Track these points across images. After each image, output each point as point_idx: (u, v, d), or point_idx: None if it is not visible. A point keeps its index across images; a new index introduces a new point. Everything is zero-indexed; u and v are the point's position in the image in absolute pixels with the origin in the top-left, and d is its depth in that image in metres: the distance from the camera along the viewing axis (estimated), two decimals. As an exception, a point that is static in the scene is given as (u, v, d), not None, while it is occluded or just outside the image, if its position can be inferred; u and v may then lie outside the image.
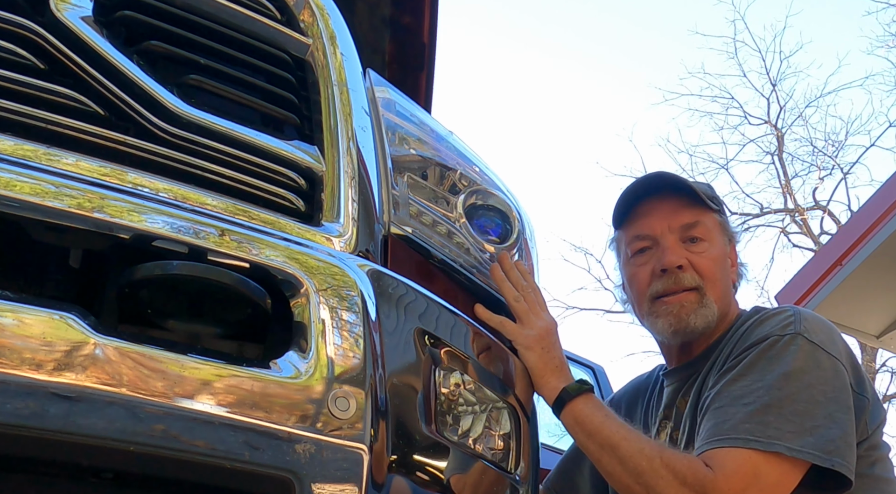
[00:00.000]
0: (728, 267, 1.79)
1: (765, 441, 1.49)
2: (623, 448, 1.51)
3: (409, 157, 1.47)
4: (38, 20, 1.10)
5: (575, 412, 1.55)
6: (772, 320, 1.64)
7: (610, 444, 1.52)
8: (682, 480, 1.47)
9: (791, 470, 1.50)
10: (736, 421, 1.52)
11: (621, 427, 1.54)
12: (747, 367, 1.58)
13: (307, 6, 1.38)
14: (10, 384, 0.88)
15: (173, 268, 1.03)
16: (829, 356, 1.58)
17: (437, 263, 1.40)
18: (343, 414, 1.03)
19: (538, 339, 1.55)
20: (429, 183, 1.47)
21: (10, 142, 1.02)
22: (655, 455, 1.50)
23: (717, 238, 1.78)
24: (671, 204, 1.77)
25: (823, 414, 1.52)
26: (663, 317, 1.73)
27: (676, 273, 1.72)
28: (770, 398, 1.53)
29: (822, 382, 1.55)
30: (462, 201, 1.51)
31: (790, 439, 1.49)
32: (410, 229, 1.38)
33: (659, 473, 1.48)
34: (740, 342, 1.65)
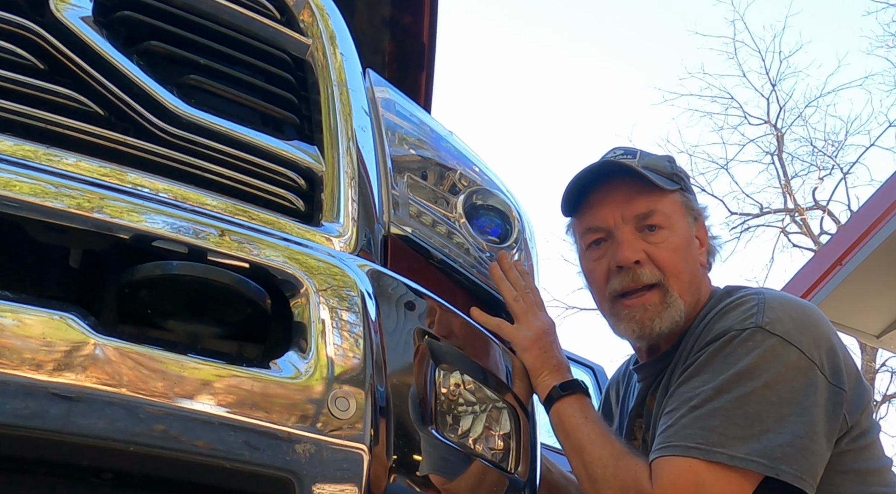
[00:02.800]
0: (694, 251, 1.65)
1: (705, 448, 1.39)
2: (587, 453, 1.48)
3: (409, 157, 1.47)
4: (37, 20, 1.10)
5: (559, 412, 1.52)
6: (734, 312, 1.52)
7: (578, 447, 1.49)
8: (624, 492, 1.42)
9: (738, 480, 1.39)
10: (679, 426, 1.43)
11: (594, 431, 1.49)
12: (701, 366, 1.48)
13: (307, 6, 1.38)
14: (10, 384, 0.88)
15: (173, 268, 1.03)
16: (793, 350, 1.45)
17: (436, 263, 1.40)
18: (343, 414, 1.03)
19: (536, 339, 1.52)
20: (429, 183, 1.47)
21: (10, 142, 1.02)
22: (611, 463, 1.44)
23: (679, 222, 1.63)
24: (624, 191, 1.62)
25: (775, 417, 1.41)
26: (626, 322, 1.61)
27: (634, 269, 1.59)
28: (719, 401, 1.42)
29: (779, 380, 1.43)
30: (462, 201, 1.51)
31: (734, 445, 1.39)
32: (410, 229, 1.38)
33: (609, 482, 1.44)
34: (703, 335, 1.54)
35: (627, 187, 1.62)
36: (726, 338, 1.48)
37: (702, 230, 1.69)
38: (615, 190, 1.63)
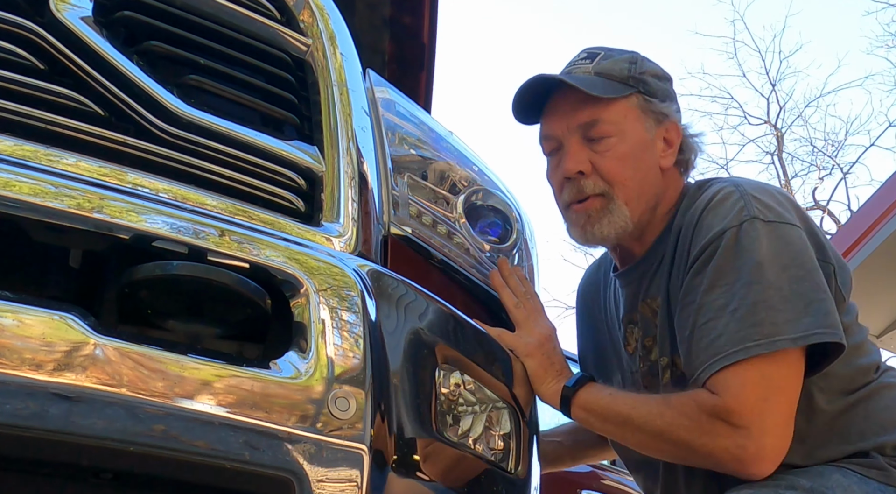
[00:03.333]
0: (649, 156, 1.61)
1: (766, 342, 1.40)
2: (636, 417, 1.48)
3: (409, 157, 1.47)
4: (37, 20, 1.10)
5: (581, 404, 1.53)
6: (721, 209, 1.51)
7: (624, 418, 1.49)
8: (698, 421, 1.41)
9: (800, 358, 1.43)
10: (729, 333, 1.42)
11: (626, 399, 1.51)
12: (717, 272, 1.47)
13: (307, 6, 1.38)
14: (10, 384, 0.88)
15: (173, 268, 1.03)
16: (790, 227, 1.49)
17: (436, 263, 1.40)
18: (343, 414, 1.03)
19: (538, 346, 1.53)
20: (429, 183, 1.47)
21: (10, 142, 1.02)
22: (665, 410, 1.45)
23: (631, 128, 1.60)
24: (571, 100, 1.59)
25: (811, 288, 1.44)
26: (573, 226, 1.62)
27: (578, 180, 1.58)
28: (753, 295, 1.43)
29: (795, 257, 1.46)
30: (462, 201, 1.51)
31: (791, 328, 1.41)
32: (410, 229, 1.38)
33: (676, 424, 1.43)
34: (696, 234, 1.52)
35: (574, 95, 1.59)
36: (728, 236, 1.48)
37: (672, 131, 1.65)
38: (564, 99, 1.61)
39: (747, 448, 1.39)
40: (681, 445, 1.44)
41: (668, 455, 1.53)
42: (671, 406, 1.45)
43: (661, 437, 1.46)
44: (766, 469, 1.41)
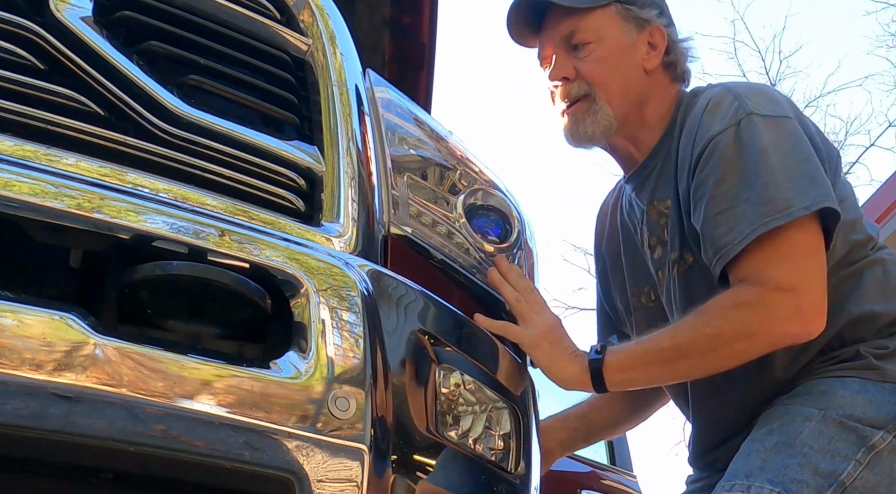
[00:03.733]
0: (631, 58, 1.72)
1: (781, 214, 1.49)
2: (682, 344, 1.51)
3: (409, 157, 1.47)
4: (37, 20, 1.10)
5: (616, 367, 1.53)
6: (719, 109, 1.61)
7: (669, 354, 1.52)
8: (746, 306, 1.48)
9: (817, 225, 1.52)
10: (748, 217, 1.51)
11: (660, 336, 1.54)
12: (724, 166, 1.56)
13: (307, 6, 1.38)
14: (10, 384, 0.88)
15: (173, 268, 1.03)
16: (785, 120, 1.58)
17: (436, 263, 1.40)
18: (343, 414, 1.03)
19: (544, 335, 1.53)
20: (429, 183, 1.47)
21: (10, 142, 1.02)
22: (707, 318, 1.50)
23: (610, 33, 1.71)
24: (554, 18, 1.74)
25: (813, 168, 1.54)
26: (563, 130, 1.73)
27: (564, 85, 1.71)
28: (762, 180, 1.52)
29: (794, 144, 1.56)
30: (462, 201, 1.51)
31: (800, 201, 1.50)
32: (410, 230, 1.38)
33: (727, 322, 1.49)
34: (698, 135, 1.61)
35: (556, 12, 1.73)
36: (729, 134, 1.57)
37: (656, 35, 1.74)
38: (551, 16, 1.74)
39: (802, 307, 1.48)
40: (739, 339, 1.49)
41: (729, 360, 1.54)
42: (709, 313, 1.51)
43: (715, 345, 1.50)
44: (821, 323, 1.50)
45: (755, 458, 1.49)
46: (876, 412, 1.50)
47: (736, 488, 1.46)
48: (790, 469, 1.45)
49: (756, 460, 1.49)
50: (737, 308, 1.49)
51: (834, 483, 1.45)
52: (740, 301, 1.49)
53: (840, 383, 1.54)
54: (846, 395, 1.52)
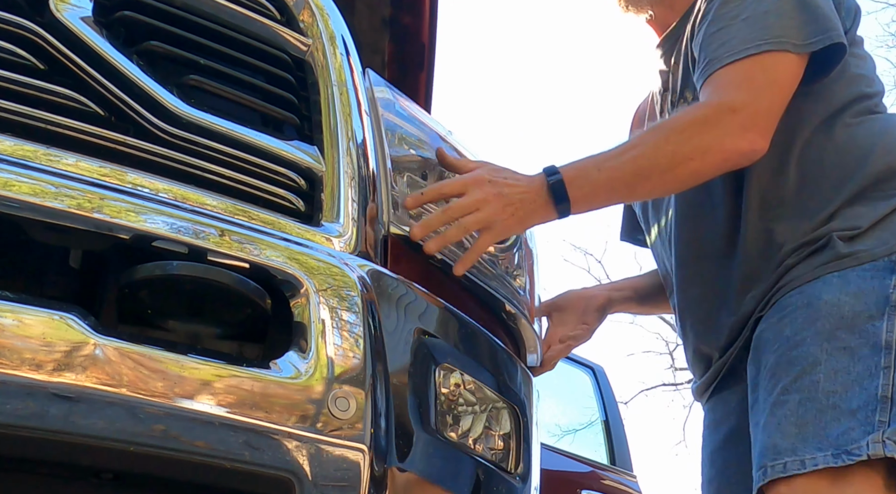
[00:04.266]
0: None
1: (773, 40, 1.51)
2: (643, 170, 1.50)
3: (409, 157, 1.47)
4: (37, 20, 1.10)
5: (577, 189, 1.47)
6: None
7: (629, 175, 1.50)
8: (699, 136, 1.49)
9: (801, 65, 1.54)
10: (741, 36, 1.53)
11: (617, 152, 1.51)
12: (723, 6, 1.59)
13: (307, 6, 1.38)
14: (10, 384, 0.88)
15: (173, 268, 1.03)
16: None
17: (436, 262, 1.40)
18: (343, 414, 1.03)
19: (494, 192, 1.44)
20: (429, 183, 1.47)
21: (9, 142, 1.02)
22: (662, 140, 1.51)
23: None
24: None
25: (821, 2, 1.55)
26: None
27: None
28: (764, 5, 1.55)
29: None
30: None
31: (796, 34, 1.52)
32: (410, 229, 1.37)
33: (681, 149, 1.49)
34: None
35: None
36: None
37: None
38: None
39: (746, 125, 1.49)
40: (695, 156, 1.49)
41: (686, 179, 1.54)
42: (668, 129, 1.52)
43: (673, 164, 1.50)
44: (764, 145, 1.51)
45: (788, 426, 1.44)
46: (865, 304, 1.46)
47: (790, 466, 1.41)
48: (829, 425, 1.40)
49: (790, 428, 1.43)
50: (695, 125, 1.50)
51: (877, 405, 1.40)
52: (698, 118, 1.51)
53: (820, 285, 1.51)
54: (830, 299, 1.48)
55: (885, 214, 1.54)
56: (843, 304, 1.47)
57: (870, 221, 1.53)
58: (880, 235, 1.52)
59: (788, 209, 1.59)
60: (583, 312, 1.90)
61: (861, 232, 1.53)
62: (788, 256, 1.57)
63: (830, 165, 1.59)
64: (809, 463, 1.39)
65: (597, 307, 1.92)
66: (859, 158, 1.58)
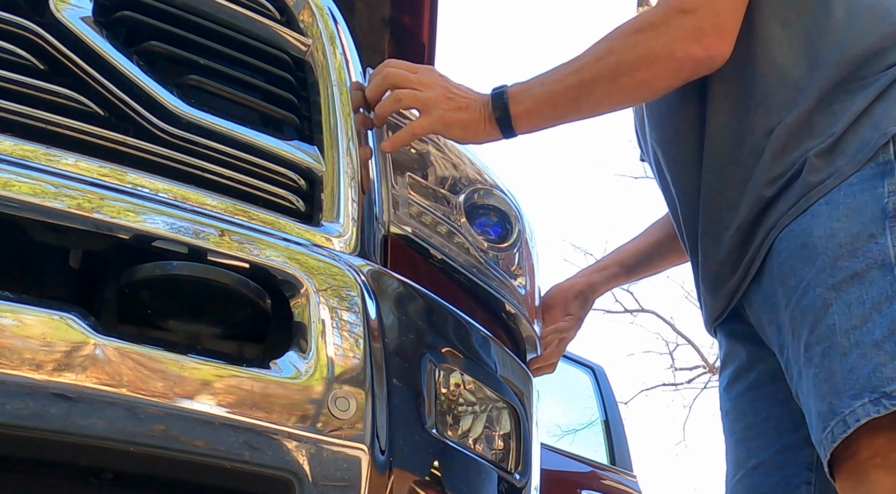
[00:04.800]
0: None
1: None
2: (586, 83, 1.38)
3: (409, 156, 1.47)
4: (37, 21, 1.10)
5: (519, 103, 1.39)
6: None
7: (571, 88, 1.39)
8: (650, 27, 1.36)
9: None
10: None
11: (564, 72, 1.39)
12: None
13: (307, 6, 1.38)
14: (10, 384, 0.88)
15: (173, 268, 1.04)
16: None
17: (436, 262, 1.40)
18: (343, 414, 1.03)
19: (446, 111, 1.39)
20: (429, 183, 1.47)
21: (9, 142, 1.02)
22: (605, 51, 1.38)
23: None
24: None
25: None
26: None
27: None
28: None
29: None
30: (462, 201, 1.51)
31: None
32: (410, 229, 1.38)
33: (625, 58, 1.36)
34: None
35: None
36: None
37: None
38: None
39: (702, 27, 1.35)
40: (641, 65, 1.36)
41: (633, 91, 1.41)
42: (612, 38, 1.39)
43: (617, 74, 1.37)
44: (723, 48, 1.36)
45: (821, 385, 1.25)
46: (861, 223, 1.27)
47: (837, 432, 1.21)
48: (856, 368, 1.22)
49: (823, 386, 1.25)
50: (639, 33, 1.37)
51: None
52: (644, 24, 1.38)
53: (809, 218, 1.32)
54: (822, 232, 1.29)
55: (864, 107, 1.34)
56: (837, 232, 1.28)
57: (846, 121, 1.33)
58: (861, 134, 1.32)
59: (757, 124, 1.39)
60: (564, 304, 1.81)
61: (837, 139, 1.33)
62: (764, 186, 1.37)
63: (796, 61, 1.40)
64: (851, 420, 1.19)
65: (576, 295, 1.82)
66: (832, 44, 1.38)
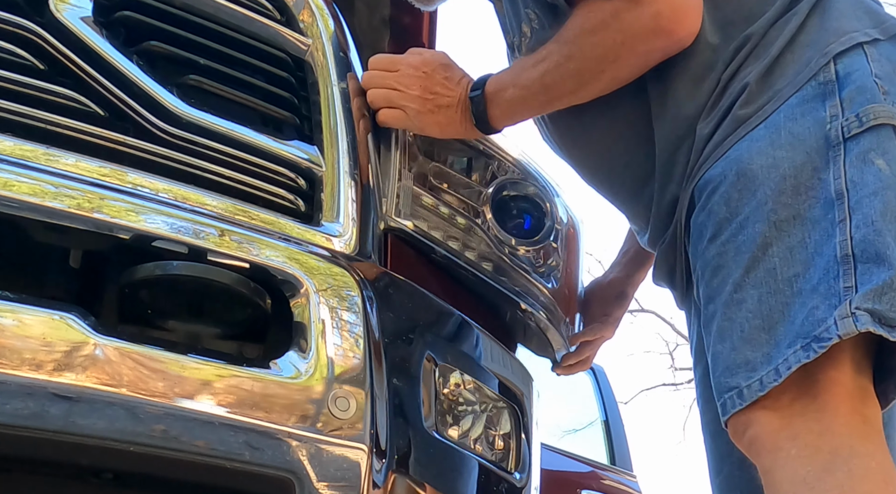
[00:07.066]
0: None
1: None
2: (553, 90, 1.33)
3: (439, 143, 1.44)
4: (37, 21, 1.10)
5: (495, 107, 1.35)
6: None
7: (544, 101, 1.35)
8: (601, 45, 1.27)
9: None
10: None
11: (532, 76, 1.33)
12: None
13: (307, 6, 1.38)
14: (10, 384, 0.88)
15: (173, 268, 1.04)
16: None
17: (440, 259, 1.39)
18: (343, 414, 1.03)
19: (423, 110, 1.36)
20: (456, 172, 1.45)
21: (9, 142, 1.02)
22: (564, 58, 1.30)
23: None
24: None
25: None
26: None
27: None
28: None
29: None
30: (491, 193, 1.47)
31: None
32: (411, 224, 1.35)
33: (585, 65, 1.29)
34: None
35: None
36: None
37: None
38: None
39: (661, 12, 1.24)
40: (604, 67, 1.29)
41: (604, 89, 1.33)
42: (567, 42, 1.30)
43: (581, 82, 1.31)
44: (690, 24, 1.25)
45: (754, 332, 1.15)
46: (805, 153, 1.17)
47: (763, 376, 1.13)
48: (795, 317, 1.13)
49: (759, 334, 1.15)
50: (593, 34, 1.27)
51: (838, 270, 1.11)
52: (596, 24, 1.26)
53: (746, 144, 1.22)
54: (762, 161, 1.19)
55: (798, 24, 1.25)
56: (779, 161, 1.18)
57: (783, 42, 1.24)
58: (800, 54, 1.24)
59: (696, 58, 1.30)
60: (603, 303, 1.74)
61: (774, 60, 1.24)
62: (698, 119, 1.28)
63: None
64: (783, 368, 1.11)
65: (616, 295, 1.75)
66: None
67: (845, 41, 1.22)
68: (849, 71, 1.21)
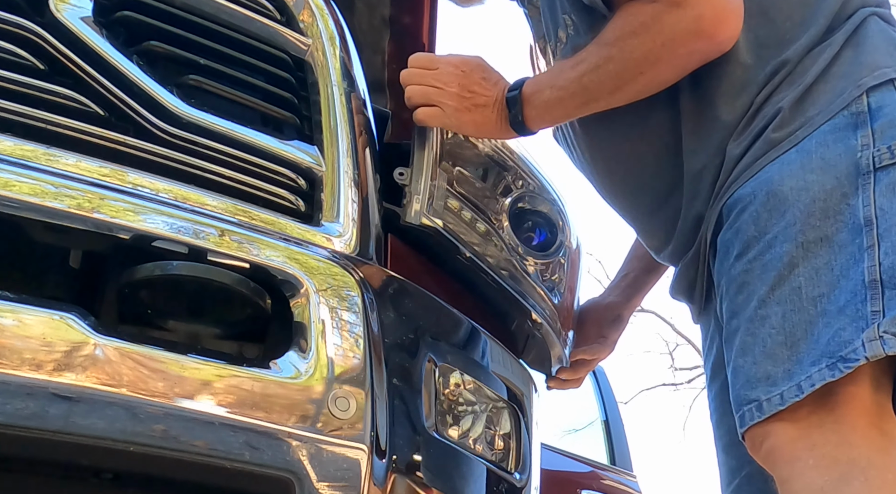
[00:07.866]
0: None
1: None
2: (591, 92, 1.33)
3: (466, 151, 1.44)
4: (37, 21, 1.10)
5: (532, 108, 1.36)
6: None
7: (582, 102, 1.35)
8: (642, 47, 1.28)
9: None
10: None
11: (569, 80, 1.34)
12: None
13: (307, 6, 1.38)
14: (10, 384, 0.88)
15: (173, 268, 1.04)
16: None
17: (464, 259, 1.39)
18: (343, 414, 1.03)
19: (460, 109, 1.38)
20: (478, 180, 1.45)
21: (9, 142, 1.02)
22: (604, 59, 1.30)
23: None
24: None
25: None
26: None
27: None
28: None
29: None
30: (508, 204, 1.48)
31: None
32: (441, 223, 1.35)
33: (626, 67, 1.30)
34: None
35: None
36: None
37: None
38: None
39: (703, 16, 1.26)
40: (644, 69, 1.30)
41: (643, 92, 1.35)
42: (608, 44, 1.31)
43: (620, 83, 1.32)
44: (730, 29, 1.28)
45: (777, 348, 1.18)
46: (835, 178, 1.20)
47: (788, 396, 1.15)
48: (820, 337, 1.15)
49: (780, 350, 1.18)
50: (634, 36, 1.28)
51: (865, 294, 1.14)
52: (637, 26, 1.28)
53: (777, 167, 1.25)
54: (794, 183, 1.22)
55: (833, 55, 1.28)
56: (810, 184, 1.21)
57: (817, 71, 1.28)
58: (833, 85, 1.27)
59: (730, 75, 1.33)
60: (599, 325, 1.77)
61: (808, 88, 1.27)
62: (729, 138, 1.31)
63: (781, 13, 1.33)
64: (806, 385, 1.13)
65: (613, 318, 1.79)
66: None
67: (878, 76, 1.26)
68: (881, 104, 1.24)
